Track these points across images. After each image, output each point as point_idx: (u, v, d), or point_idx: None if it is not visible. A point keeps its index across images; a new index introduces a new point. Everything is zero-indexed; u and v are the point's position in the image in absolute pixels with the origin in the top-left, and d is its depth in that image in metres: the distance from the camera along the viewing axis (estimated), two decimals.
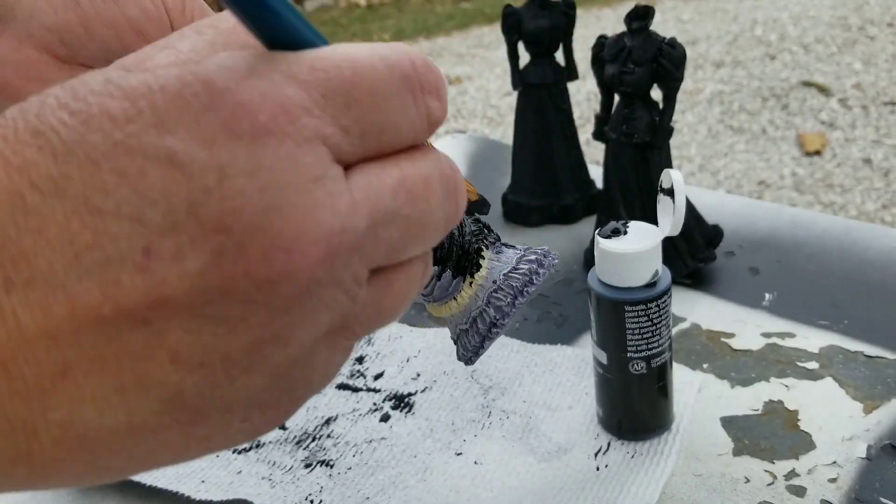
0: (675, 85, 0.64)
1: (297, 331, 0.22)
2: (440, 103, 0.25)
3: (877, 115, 2.62)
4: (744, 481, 0.50)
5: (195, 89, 0.20)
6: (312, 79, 0.21)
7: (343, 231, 0.21)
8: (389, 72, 0.23)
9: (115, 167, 0.19)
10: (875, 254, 0.70)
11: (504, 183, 0.83)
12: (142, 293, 0.20)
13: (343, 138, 0.22)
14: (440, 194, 0.24)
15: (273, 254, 0.20)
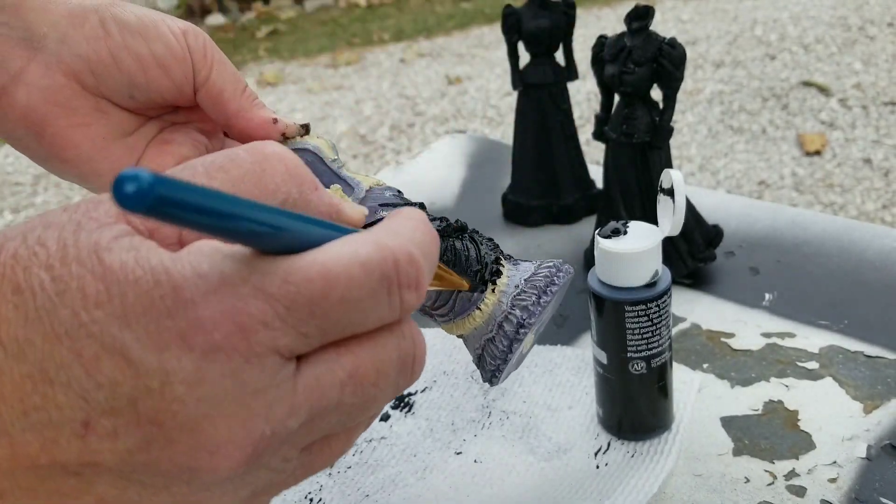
0: (675, 85, 0.64)
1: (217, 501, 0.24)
2: (417, 293, 0.26)
3: (877, 115, 2.62)
4: (744, 481, 0.50)
5: (163, 292, 0.22)
6: (281, 293, 0.23)
7: (273, 435, 0.23)
8: (366, 277, 0.24)
9: (73, 347, 0.22)
10: (875, 254, 0.70)
11: (504, 183, 0.83)
12: (75, 454, 0.22)
13: (301, 342, 0.23)
14: (393, 374, 0.26)
15: (198, 452, 0.22)
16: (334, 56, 3.64)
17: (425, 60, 3.49)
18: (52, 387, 0.22)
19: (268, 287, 0.23)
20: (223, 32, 4.11)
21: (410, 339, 0.26)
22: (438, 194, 0.87)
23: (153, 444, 0.22)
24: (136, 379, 0.22)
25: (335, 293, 0.23)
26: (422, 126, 2.88)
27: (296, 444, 0.25)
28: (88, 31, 0.40)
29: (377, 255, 0.24)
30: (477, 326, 0.41)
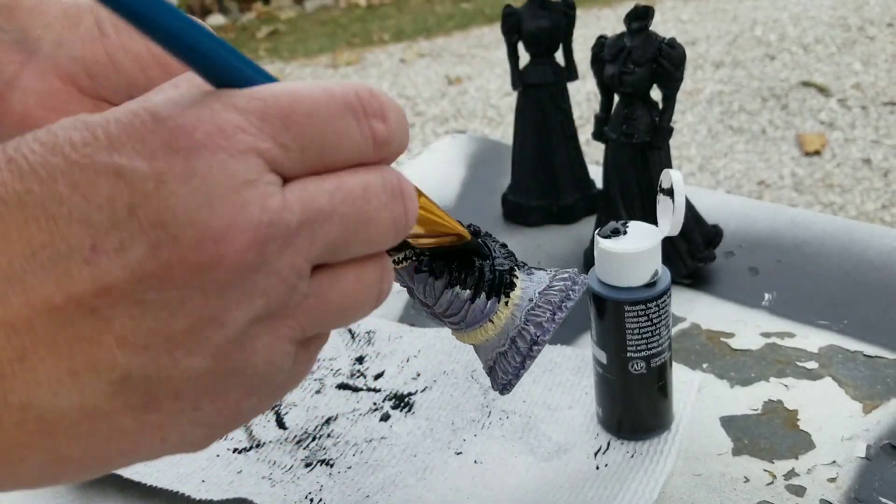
0: (675, 85, 0.64)
1: (234, 313, 0.24)
2: (386, 125, 0.27)
3: (876, 116, 2.63)
4: (743, 481, 0.50)
5: (143, 118, 0.23)
6: (250, 106, 0.24)
7: (271, 224, 0.24)
8: (329, 98, 0.25)
9: (69, 181, 0.23)
10: (874, 254, 0.70)
11: (504, 183, 0.83)
12: (89, 283, 0.22)
13: (281, 153, 0.25)
14: (383, 196, 0.27)
15: (204, 242, 0.23)
16: (334, 56, 3.64)
17: (425, 60, 3.49)
18: (55, 222, 0.22)
19: (237, 102, 0.24)
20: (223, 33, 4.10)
21: (394, 174, 0.27)
22: (438, 194, 0.87)
23: (160, 247, 0.23)
24: (130, 188, 0.23)
25: (302, 107, 0.25)
26: (422, 126, 2.88)
27: (301, 250, 0.25)
28: (84, 33, 0.40)
29: (337, 86, 0.26)
30: (489, 339, 0.41)
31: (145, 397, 0.24)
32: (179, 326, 0.23)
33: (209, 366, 0.24)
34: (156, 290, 0.23)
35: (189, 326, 0.23)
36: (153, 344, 0.23)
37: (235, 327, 0.24)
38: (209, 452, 0.55)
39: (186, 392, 0.24)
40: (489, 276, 0.41)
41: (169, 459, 0.54)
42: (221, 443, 0.56)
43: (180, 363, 0.24)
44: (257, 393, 0.26)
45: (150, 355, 0.23)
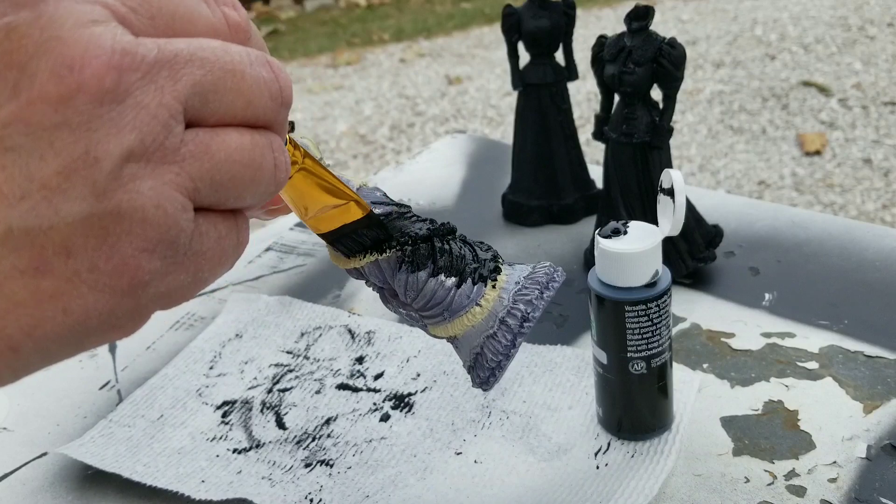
0: (675, 85, 0.64)
1: (104, 145, 0.23)
2: (237, 12, 0.27)
3: (877, 115, 2.62)
4: (744, 481, 0.50)
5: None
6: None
7: (124, 52, 0.23)
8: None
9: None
10: (875, 254, 0.70)
11: (504, 183, 0.83)
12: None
13: (128, 13, 0.24)
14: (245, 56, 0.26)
15: (59, 72, 0.23)
16: (334, 56, 3.64)
17: (425, 60, 3.49)
18: None
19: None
20: None
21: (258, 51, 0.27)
22: (438, 194, 0.87)
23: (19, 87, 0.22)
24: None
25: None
26: (422, 126, 2.88)
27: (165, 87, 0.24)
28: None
29: None
30: (475, 324, 0.40)
31: (32, 256, 0.23)
32: (52, 168, 0.23)
33: (90, 208, 0.23)
34: (22, 134, 0.22)
35: (62, 167, 0.23)
36: (28, 192, 0.23)
37: (110, 161, 0.23)
38: (209, 453, 0.55)
39: (75, 246, 0.23)
40: (474, 264, 0.41)
41: (168, 460, 0.54)
42: (221, 443, 0.56)
43: (61, 209, 0.23)
44: (158, 250, 0.25)
45: (27, 205, 0.23)
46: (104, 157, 0.23)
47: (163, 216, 0.24)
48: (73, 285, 0.24)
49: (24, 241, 0.23)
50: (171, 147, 0.24)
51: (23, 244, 0.23)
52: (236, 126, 0.26)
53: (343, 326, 0.67)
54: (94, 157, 0.23)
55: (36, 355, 0.25)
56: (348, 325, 0.67)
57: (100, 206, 0.23)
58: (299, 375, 0.62)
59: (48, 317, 0.24)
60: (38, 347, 0.24)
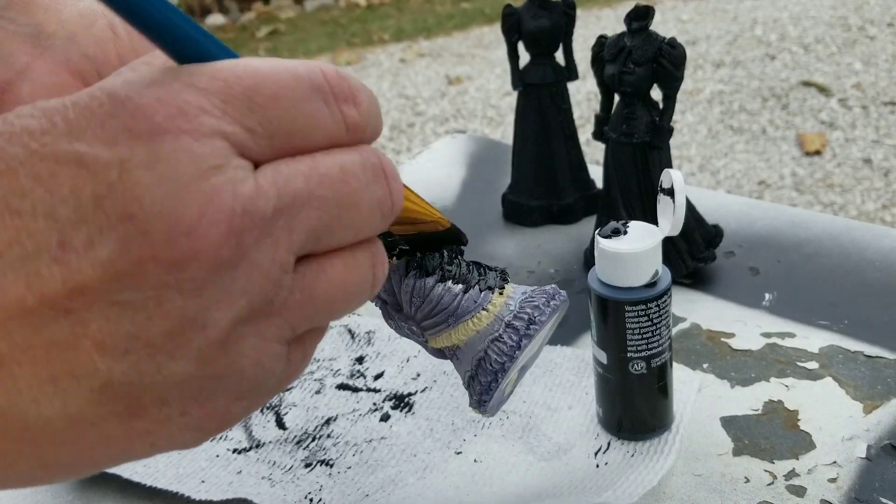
0: (675, 85, 0.64)
1: (214, 314, 0.23)
2: (357, 109, 0.25)
3: (877, 115, 2.62)
4: (743, 481, 0.50)
5: (101, 101, 0.22)
6: (211, 86, 0.23)
7: (245, 213, 0.22)
8: (295, 80, 0.24)
9: (30, 172, 0.22)
10: (875, 254, 0.70)
11: (504, 183, 0.83)
12: (60, 282, 0.21)
13: (248, 137, 0.23)
14: (362, 177, 0.25)
15: (175, 237, 0.22)
16: (334, 56, 3.64)
17: (425, 60, 3.49)
18: (19, 217, 0.21)
19: (197, 82, 0.23)
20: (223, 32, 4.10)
21: (373, 153, 0.26)
22: (438, 194, 0.87)
23: (130, 242, 0.22)
24: (94, 177, 0.22)
25: (266, 90, 0.23)
26: (422, 126, 2.88)
27: (281, 241, 0.24)
28: (98, 33, 0.40)
29: (302, 66, 0.25)
30: (480, 329, 0.41)
31: (130, 404, 0.23)
32: (159, 329, 0.22)
33: (193, 370, 0.23)
34: (131, 289, 0.22)
35: (169, 329, 0.22)
36: (133, 349, 0.22)
37: (218, 329, 0.23)
38: (209, 453, 0.55)
39: (172, 397, 0.23)
40: (481, 276, 0.41)
41: (168, 460, 0.54)
42: (221, 443, 0.56)
43: (163, 368, 0.23)
44: (248, 396, 0.25)
45: (130, 360, 0.22)
46: (212, 325, 0.23)
47: (260, 372, 0.25)
48: (163, 427, 0.24)
49: (124, 392, 0.23)
50: (278, 301, 0.24)
51: (122, 394, 0.23)
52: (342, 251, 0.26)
53: (343, 326, 0.67)
54: (202, 323, 0.23)
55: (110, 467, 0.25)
56: (348, 325, 0.67)
57: (202, 369, 0.23)
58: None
59: (135, 448, 0.24)
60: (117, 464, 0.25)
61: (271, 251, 0.23)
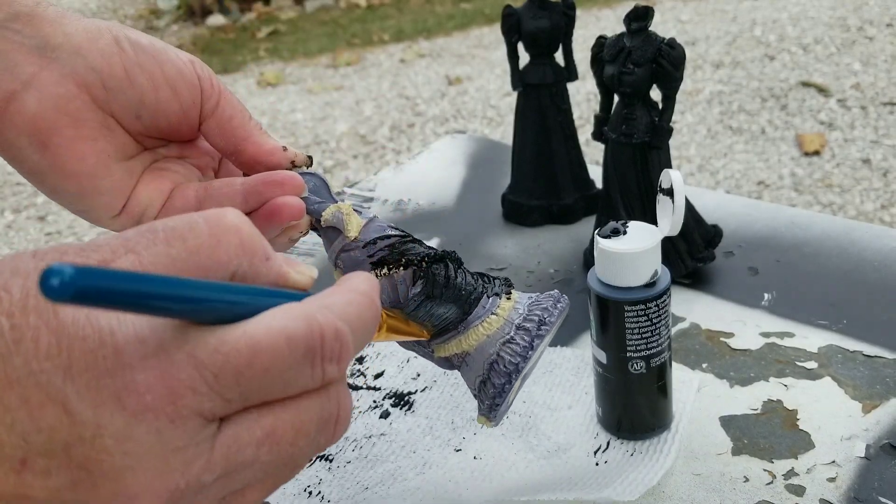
0: (675, 85, 0.64)
1: None
2: (339, 367, 0.28)
3: (876, 116, 2.63)
4: (743, 480, 0.50)
5: (106, 353, 0.25)
6: (210, 361, 0.25)
7: (187, 487, 0.26)
8: (291, 350, 0.26)
9: (22, 393, 0.24)
10: (874, 254, 0.70)
11: (504, 183, 0.83)
12: (11, 487, 0.24)
13: (223, 406, 0.26)
14: (313, 432, 0.28)
15: (118, 498, 0.25)
16: (334, 56, 3.64)
17: (425, 61, 3.49)
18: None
19: (199, 355, 0.25)
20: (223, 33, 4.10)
21: (335, 401, 0.29)
22: (438, 194, 0.87)
23: (79, 485, 0.24)
24: (72, 427, 0.24)
25: (259, 364, 0.26)
26: (422, 126, 2.88)
27: (210, 495, 0.27)
28: (103, 46, 0.41)
29: (305, 329, 0.27)
30: (490, 333, 0.41)
31: None
32: None
33: None
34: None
35: None
36: None
37: None
38: None
39: None
40: (487, 279, 0.42)
41: None
42: None
43: None
44: None
45: None
46: None
47: None
48: None
49: None
50: None
51: None
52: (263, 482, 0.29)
53: None
54: None
55: None
56: None
57: None
58: None
59: None
60: None
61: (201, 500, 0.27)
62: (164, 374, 0.25)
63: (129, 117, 0.42)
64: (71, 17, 0.41)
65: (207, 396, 0.25)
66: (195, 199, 0.43)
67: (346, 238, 0.43)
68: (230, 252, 0.28)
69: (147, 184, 0.43)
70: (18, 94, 0.40)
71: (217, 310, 0.26)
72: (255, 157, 0.44)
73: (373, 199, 0.88)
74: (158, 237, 0.27)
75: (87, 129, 0.41)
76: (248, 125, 0.44)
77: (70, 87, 0.40)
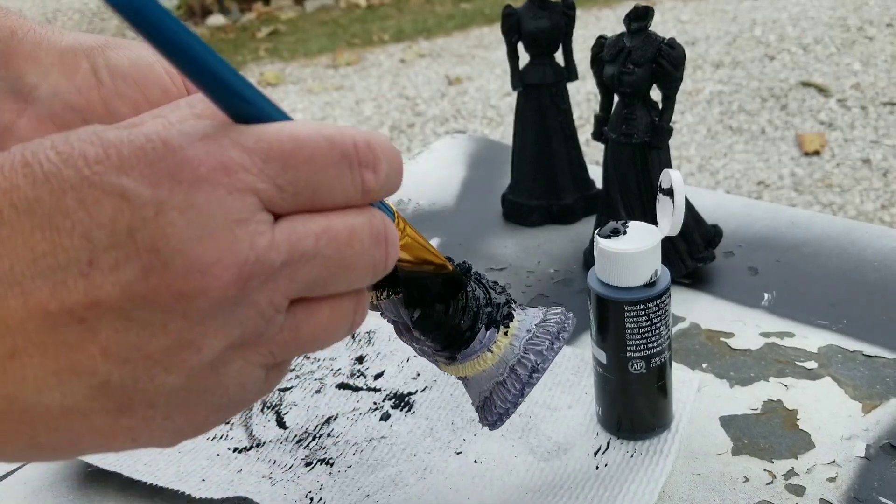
0: (675, 85, 0.64)
1: (210, 340, 0.26)
2: (376, 175, 0.28)
3: (875, 116, 2.63)
4: (743, 480, 0.50)
5: (155, 144, 0.25)
6: (256, 146, 0.26)
7: (256, 261, 0.25)
8: (329, 147, 0.27)
9: (77, 196, 0.24)
10: (874, 253, 0.71)
11: (504, 183, 0.83)
12: (82, 294, 0.24)
13: (276, 193, 0.26)
14: (367, 242, 0.28)
15: (191, 273, 0.25)
16: (334, 56, 3.64)
17: (425, 61, 3.49)
18: (58, 233, 0.24)
19: (245, 141, 0.26)
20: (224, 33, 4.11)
21: (381, 220, 0.29)
22: (438, 194, 0.87)
23: (151, 271, 0.24)
24: (132, 212, 0.24)
25: (303, 153, 0.26)
26: (422, 126, 2.88)
27: (281, 287, 0.26)
28: (80, 81, 0.40)
29: (338, 134, 0.27)
30: (485, 369, 0.41)
31: (121, 403, 0.26)
32: (159, 345, 0.25)
33: (182, 384, 0.26)
34: (142, 309, 0.24)
35: (168, 346, 0.25)
36: (133, 358, 0.25)
37: (211, 352, 0.26)
38: (209, 452, 0.55)
39: (159, 403, 0.26)
40: (488, 309, 0.42)
41: (169, 458, 0.54)
42: (222, 442, 0.56)
43: (156, 379, 0.25)
44: (225, 409, 0.28)
45: (129, 368, 0.25)
46: (207, 348, 0.26)
47: (240, 391, 0.28)
48: (147, 425, 0.27)
49: (118, 393, 0.25)
50: (267, 335, 0.27)
51: (116, 395, 0.25)
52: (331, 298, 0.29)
53: None
54: (199, 346, 0.26)
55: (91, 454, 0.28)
56: None
57: (190, 384, 0.26)
58: (299, 375, 0.62)
59: (117, 441, 0.27)
60: (97, 452, 0.28)
61: (270, 294, 0.26)
62: (215, 152, 0.25)
63: None
64: (47, 45, 0.40)
65: (259, 177, 0.26)
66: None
67: None
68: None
69: None
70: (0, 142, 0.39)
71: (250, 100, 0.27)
72: None
73: None
74: (180, 103, 0.28)
75: None
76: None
77: (50, 129, 0.39)
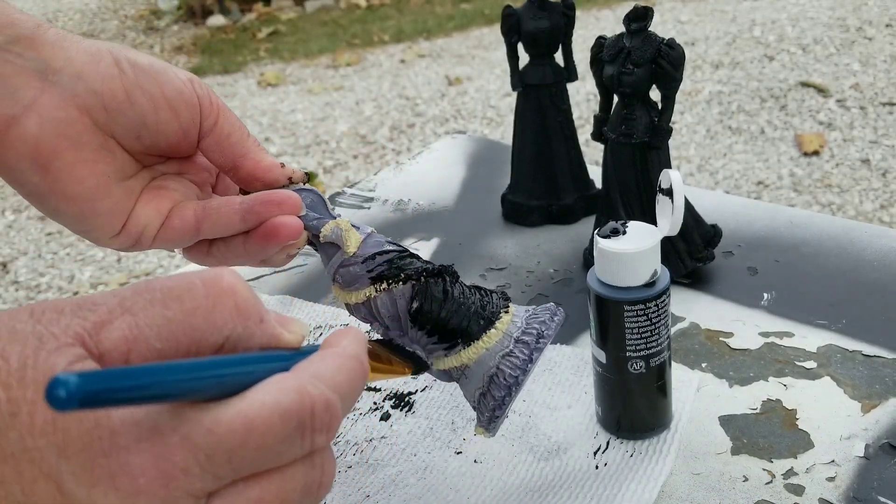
0: (674, 85, 0.64)
1: None
2: (327, 436, 0.29)
3: (875, 116, 2.63)
4: (742, 480, 0.50)
5: (101, 434, 0.25)
6: (204, 442, 0.26)
7: None
8: (284, 426, 0.27)
9: (16, 467, 0.24)
10: (873, 253, 0.71)
11: (504, 183, 0.83)
12: None
13: (214, 483, 0.26)
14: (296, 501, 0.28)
15: None
16: (335, 57, 3.64)
17: (425, 61, 3.49)
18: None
19: (193, 437, 0.26)
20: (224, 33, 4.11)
21: (319, 468, 0.29)
22: (438, 194, 0.87)
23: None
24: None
25: (253, 441, 0.26)
26: (422, 126, 2.88)
27: None
28: (104, 69, 0.41)
29: (297, 404, 0.27)
30: (490, 346, 0.42)
31: None
32: None
33: None
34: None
35: None
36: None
37: None
38: None
39: None
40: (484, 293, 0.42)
41: None
42: None
43: None
44: None
45: None
46: None
47: None
48: None
49: None
50: None
51: None
52: None
53: (343, 326, 0.67)
54: None
55: None
56: (348, 325, 0.67)
57: None
58: None
59: None
60: None
61: None
62: (158, 458, 0.25)
63: (129, 138, 0.42)
64: (71, 40, 0.41)
65: (199, 477, 0.26)
66: (194, 218, 0.44)
67: (345, 254, 0.43)
68: (225, 315, 0.28)
69: (146, 204, 0.43)
70: (20, 119, 0.40)
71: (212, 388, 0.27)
72: (252, 174, 0.44)
73: (373, 199, 0.88)
74: (156, 297, 0.27)
75: (88, 151, 0.41)
76: (247, 142, 0.44)
77: (71, 110, 0.40)
